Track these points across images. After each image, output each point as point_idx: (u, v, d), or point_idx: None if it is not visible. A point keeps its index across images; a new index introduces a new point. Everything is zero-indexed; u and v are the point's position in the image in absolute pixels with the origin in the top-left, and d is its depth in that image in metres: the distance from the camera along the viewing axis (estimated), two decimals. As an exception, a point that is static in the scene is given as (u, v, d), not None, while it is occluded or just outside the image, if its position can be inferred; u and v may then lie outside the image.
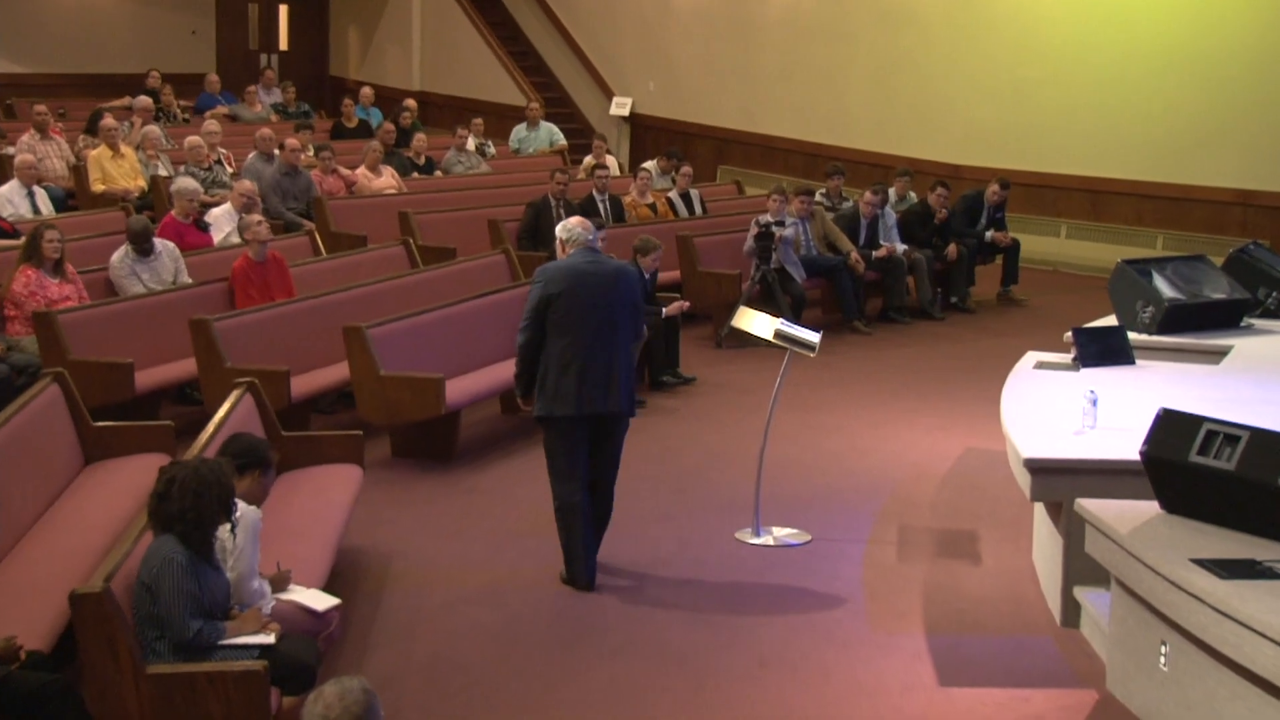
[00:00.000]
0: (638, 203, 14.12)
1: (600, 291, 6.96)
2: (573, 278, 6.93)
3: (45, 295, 9.43)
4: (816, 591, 7.14)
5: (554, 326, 6.90)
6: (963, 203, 14.55)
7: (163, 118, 16.80)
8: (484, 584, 7.12)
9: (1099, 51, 15.81)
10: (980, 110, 16.68)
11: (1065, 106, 16.05)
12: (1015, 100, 16.41)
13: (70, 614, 5.01)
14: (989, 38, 16.65)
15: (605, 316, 6.96)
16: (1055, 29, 16.17)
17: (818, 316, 13.27)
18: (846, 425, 10.11)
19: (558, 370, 6.91)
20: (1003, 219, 14.63)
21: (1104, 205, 16.04)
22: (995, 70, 16.55)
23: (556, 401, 6.92)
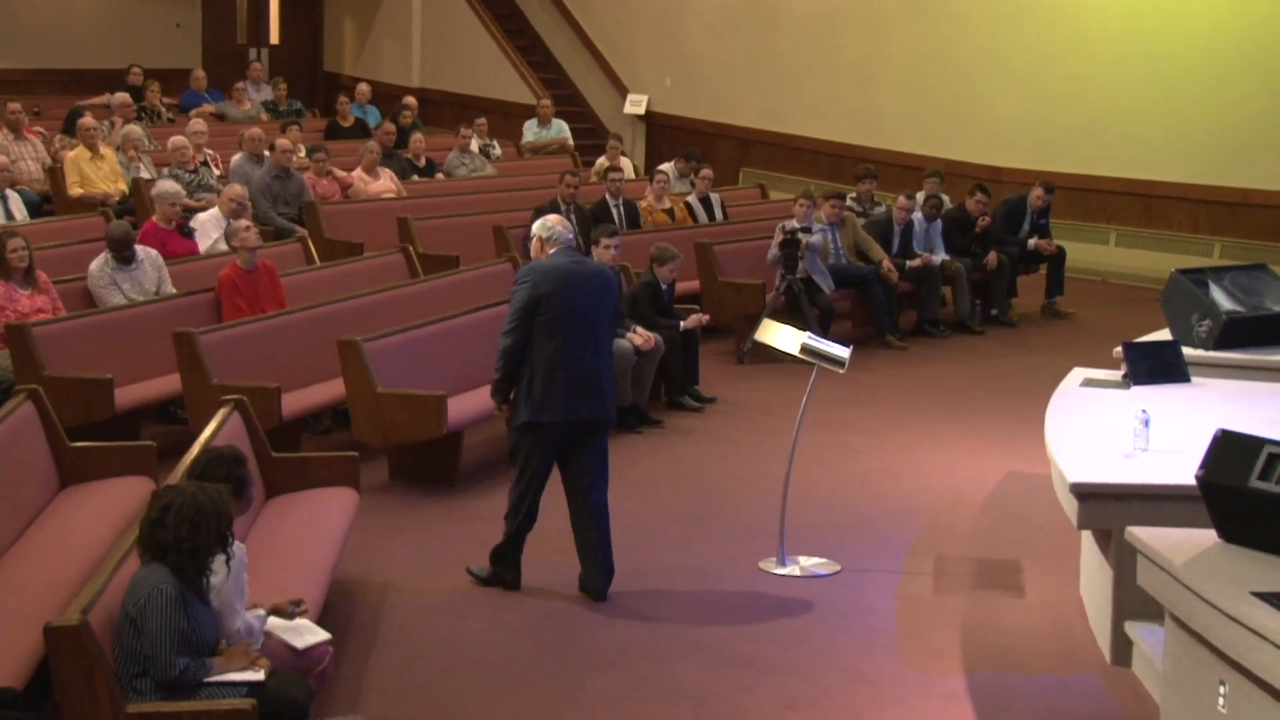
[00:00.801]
0: (654, 207, 14.15)
1: (586, 293, 7.18)
2: (561, 278, 7.12)
3: (16, 309, 9.46)
4: (846, 626, 7.13)
5: (541, 328, 7.08)
6: (1004, 208, 14.55)
7: (145, 117, 16.86)
8: (486, 619, 7.12)
9: (1152, 44, 15.81)
10: (1023, 108, 16.68)
11: (1115, 104, 16.05)
12: (1061, 97, 16.41)
13: (45, 648, 5.02)
14: (1032, 29, 16.65)
15: (591, 319, 7.18)
16: (1105, 20, 16.18)
17: (847, 330, 13.27)
18: (878, 447, 10.10)
19: (545, 374, 7.08)
20: (1047, 225, 14.62)
21: (1157, 210, 16.02)
22: (1039, 64, 16.55)
23: (545, 407, 7.09)
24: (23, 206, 12.56)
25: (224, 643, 5.33)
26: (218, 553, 5.22)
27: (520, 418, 7.19)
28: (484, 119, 17.72)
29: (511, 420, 7.35)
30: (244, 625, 5.44)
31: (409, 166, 15.71)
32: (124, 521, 6.53)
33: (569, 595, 7.38)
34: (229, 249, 10.76)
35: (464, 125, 16.77)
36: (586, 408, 7.17)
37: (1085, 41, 16.27)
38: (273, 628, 5.67)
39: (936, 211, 13.91)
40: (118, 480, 7.39)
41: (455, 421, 8.82)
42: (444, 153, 16.50)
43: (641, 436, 10.19)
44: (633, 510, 8.72)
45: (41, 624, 5.00)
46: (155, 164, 14.24)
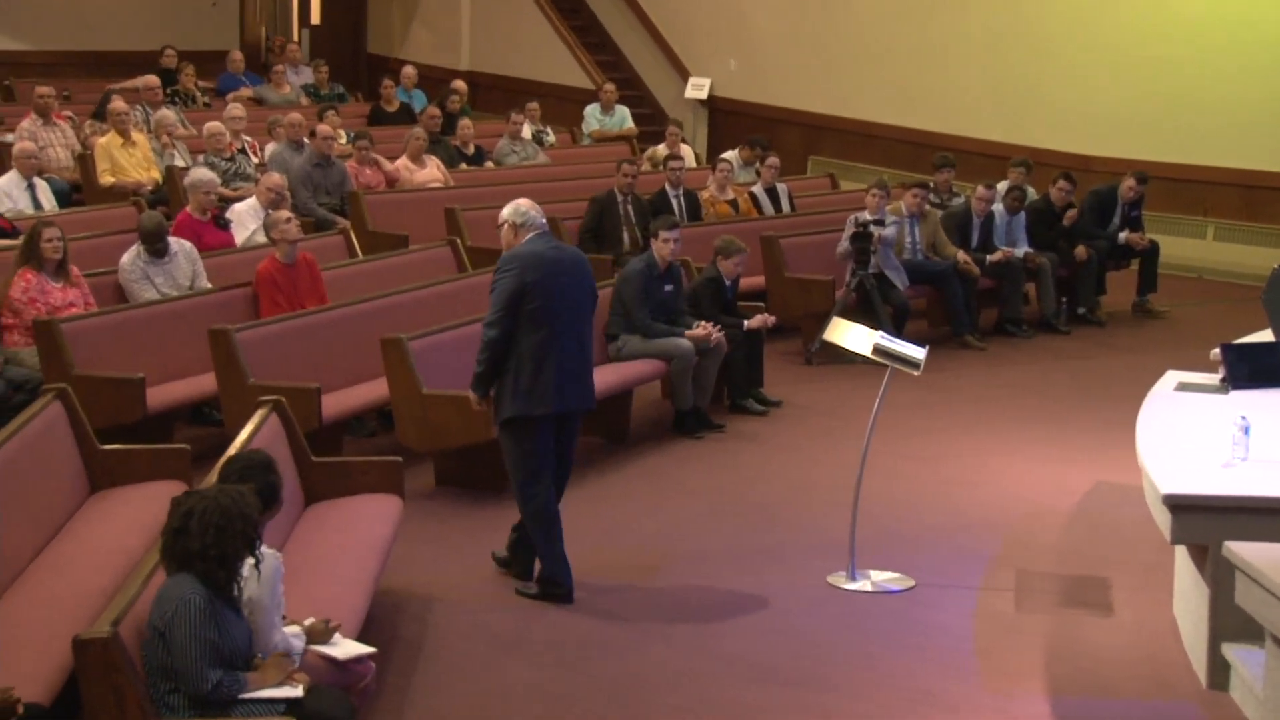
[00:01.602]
0: (716, 199, 14.14)
1: (570, 280, 7.41)
2: (545, 265, 7.31)
3: (46, 301, 9.57)
4: (919, 646, 7.11)
5: (528, 318, 7.25)
6: (1092, 199, 14.46)
7: (179, 101, 17.01)
8: (536, 635, 7.14)
9: (1252, 26, 15.66)
10: (1114, 92, 16.56)
11: (1213, 88, 15.91)
12: (1154, 81, 16.28)
13: (73, 662, 5.07)
14: (1124, 8, 16.54)
15: (576, 306, 7.43)
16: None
17: (923, 329, 13.23)
18: (955, 455, 10.06)
19: (533, 365, 7.25)
20: (1139, 218, 14.52)
21: (1259, 202, 15.87)
22: (1131, 45, 16.43)
23: (534, 400, 7.27)
24: (51, 196, 12.69)
25: (259, 656, 5.37)
26: (245, 556, 5.26)
27: (506, 412, 7.33)
28: (536, 104, 17.75)
29: (492, 416, 7.47)
30: (282, 641, 5.47)
31: (457, 154, 15.77)
32: (155, 528, 6.54)
33: (624, 611, 7.40)
34: (267, 241, 10.84)
35: (515, 111, 16.81)
36: (575, 398, 7.42)
37: (1181, 20, 16.13)
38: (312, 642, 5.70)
39: (1019, 205, 13.83)
40: (149, 485, 7.46)
41: (505, 425, 8.84)
42: (494, 140, 16.55)
43: (702, 442, 10.20)
44: (692, 521, 8.74)
45: (69, 636, 5.06)
46: (190, 151, 14.36)
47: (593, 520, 8.67)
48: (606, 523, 8.69)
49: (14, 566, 6.37)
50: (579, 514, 8.73)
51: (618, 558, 8.13)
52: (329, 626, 5.73)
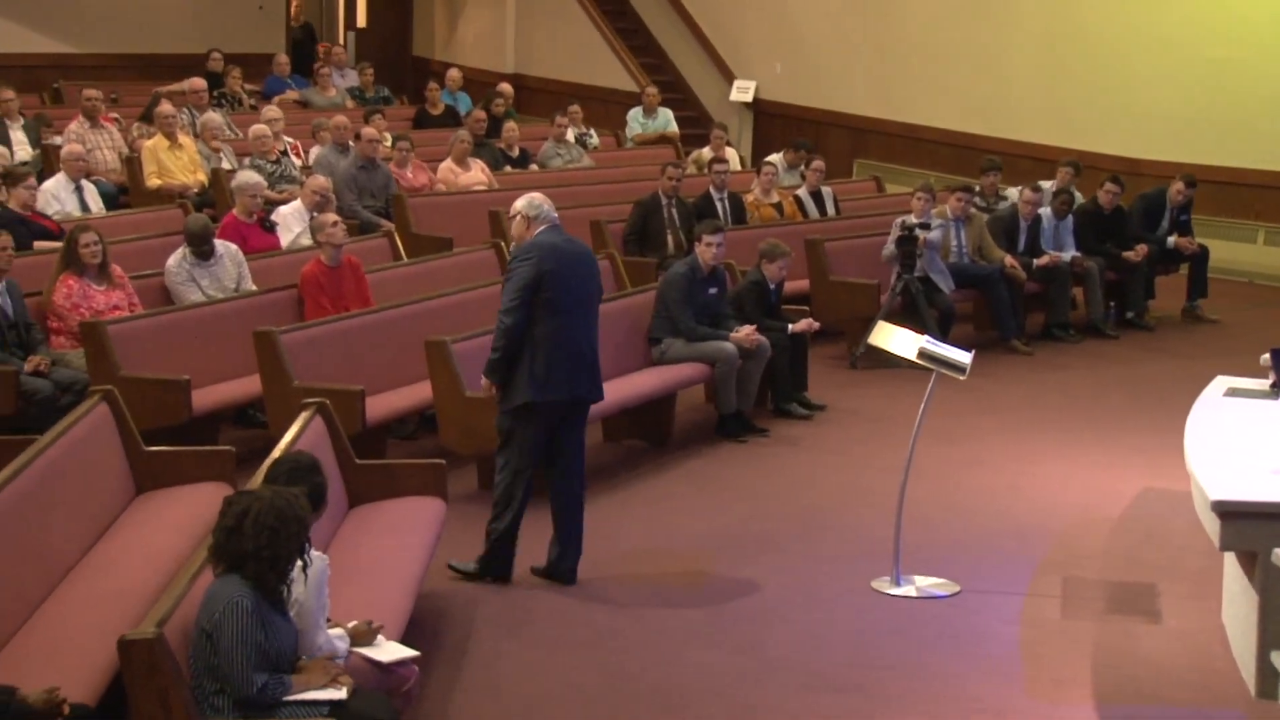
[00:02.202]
0: (761, 202, 14.13)
1: (581, 271, 7.65)
2: (560, 256, 7.52)
3: (90, 305, 9.62)
4: (966, 651, 7.08)
5: (543, 306, 7.44)
6: (1141, 202, 14.38)
7: (226, 103, 17.11)
8: (579, 638, 7.15)
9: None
10: (1163, 95, 16.46)
11: (1264, 90, 15.79)
12: (1205, 84, 16.17)
13: (119, 663, 5.11)
14: (1174, 10, 16.43)
15: (586, 296, 7.66)
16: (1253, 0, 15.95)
17: (969, 333, 13.18)
18: (1001, 460, 10.02)
19: (547, 353, 7.44)
20: (1188, 222, 14.43)
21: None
22: (1181, 48, 16.32)
23: (548, 387, 7.46)
24: (98, 198, 12.78)
25: (304, 658, 5.39)
26: (296, 559, 5.28)
27: (518, 399, 7.48)
28: (578, 106, 17.76)
29: (502, 401, 7.59)
30: (326, 643, 5.49)
31: (501, 157, 15.81)
32: (201, 530, 6.62)
33: (667, 615, 7.40)
34: (312, 244, 10.89)
35: (559, 114, 16.84)
36: (585, 386, 7.64)
37: (1232, 22, 16.02)
38: (355, 644, 5.72)
39: (1067, 208, 13.75)
40: (194, 487, 7.50)
41: (548, 428, 8.85)
42: (538, 142, 16.58)
43: (745, 446, 10.19)
44: (735, 525, 8.73)
45: (115, 637, 5.09)
46: (236, 153, 14.43)
47: (635, 523, 8.68)
48: (649, 526, 8.68)
49: (60, 567, 6.42)
50: (621, 517, 8.76)
51: (660, 561, 8.13)
52: (372, 628, 5.75)
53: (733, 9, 20.86)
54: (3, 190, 11.39)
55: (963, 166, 17.21)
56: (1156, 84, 16.50)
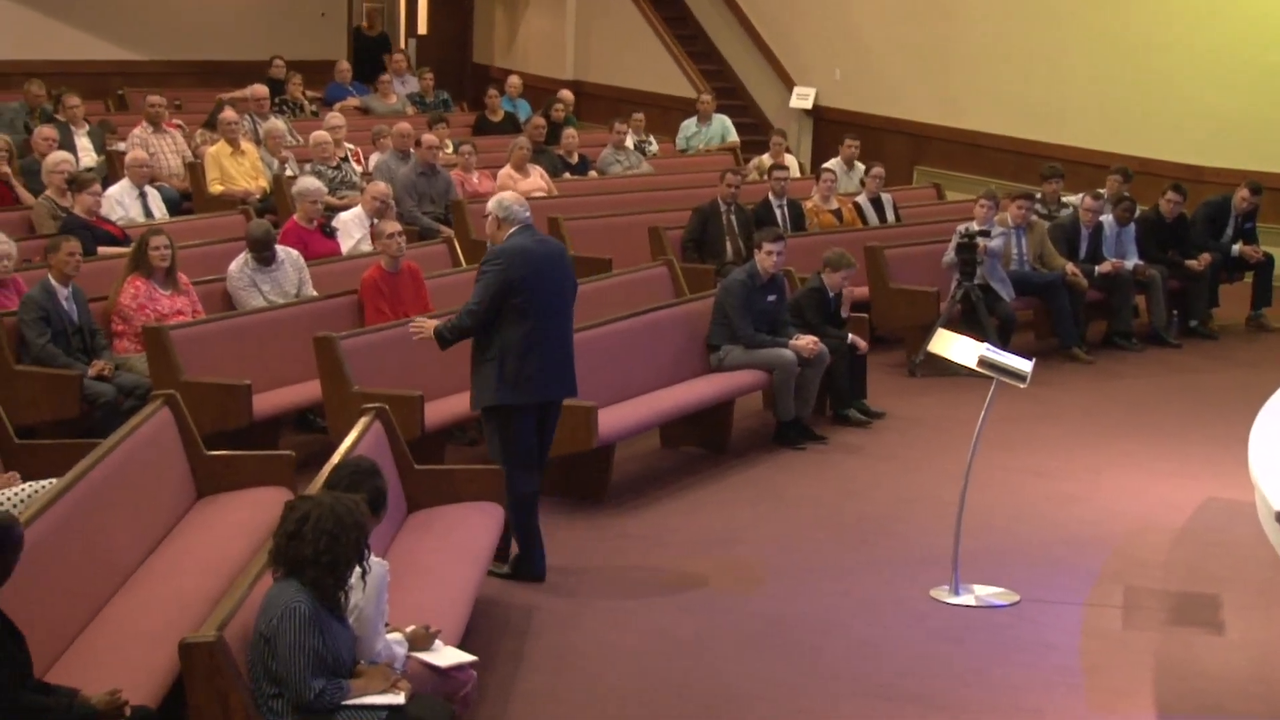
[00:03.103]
0: (820, 208, 14.10)
1: (554, 273, 7.71)
2: (531, 260, 7.58)
3: (155, 309, 9.71)
4: (1025, 662, 7.04)
5: (514, 311, 7.51)
6: (1205, 210, 14.27)
7: (287, 110, 17.22)
8: (635, 644, 7.15)
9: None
10: (1226, 101, 16.31)
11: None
12: (1268, 90, 16.02)
13: (179, 666, 5.15)
14: (1237, 15, 16.28)
15: (559, 298, 7.74)
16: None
17: (1029, 341, 13.10)
18: (1061, 469, 9.96)
19: (518, 356, 7.53)
20: (1253, 230, 14.30)
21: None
22: (1245, 52, 16.18)
23: (518, 390, 7.56)
24: (161, 204, 12.88)
25: (362, 663, 5.41)
26: (355, 565, 5.31)
27: (489, 400, 7.61)
28: (642, 115, 17.77)
29: (474, 400, 7.74)
30: (385, 648, 5.51)
31: (561, 163, 15.84)
32: (261, 534, 6.66)
33: (723, 621, 7.39)
34: (373, 249, 10.93)
35: (619, 120, 16.86)
36: (558, 387, 7.77)
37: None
38: (413, 649, 5.74)
39: (1129, 215, 13.66)
40: (254, 491, 7.55)
41: (606, 434, 8.87)
42: (597, 149, 16.60)
43: (804, 453, 10.16)
44: (793, 532, 8.71)
45: (176, 640, 5.13)
46: (298, 160, 14.53)
47: (693, 530, 8.68)
48: (706, 533, 8.68)
49: (122, 570, 6.48)
50: (678, 523, 8.76)
51: (717, 568, 8.12)
52: (430, 633, 5.77)
53: (793, 15, 20.83)
54: (68, 196, 11.52)
55: (1023, 173, 17.12)
56: (1218, 90, 16.36)
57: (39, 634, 5.37)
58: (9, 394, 8.62)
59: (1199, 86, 16.51)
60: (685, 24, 21.98)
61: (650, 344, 10.10)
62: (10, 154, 12.67)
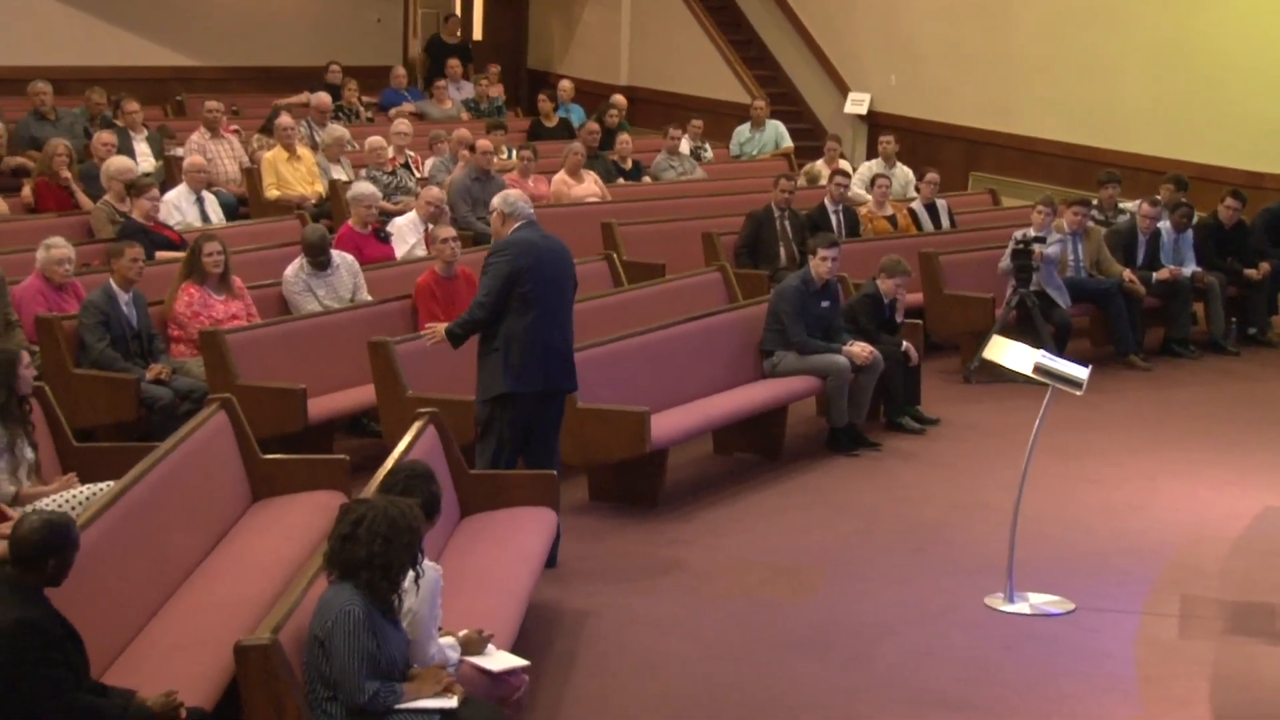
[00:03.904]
0: (875, 214, 14.06)
1: (557, 267, 7.97)
2: (536, 252, 7.86)
3: (210, 315, 9.77)
4: (1080, 670, 6.99)
5: (519, 301, 7.76)
6: (1264, 217, 14.14)
7: (343, 116, 17.32)
8: (687, 650, 7.14)
9: None
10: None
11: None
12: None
13: (235, 668, 5.18)
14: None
15: (561, 291, 7.98)
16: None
17: (1085, 348, 13.03)
18: (1118, 477, 9.89)
19: (522, 346, 7.77)
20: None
21: None
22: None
23: (523, 379, 7.78)
24: (218, 209, 12.98)
25: (416, 667, 5.43)
26: (409, 569, 5.33)
27: (495, 389, 7.82)
28: (700, 121, 17.76)
29: (479, 392, 7.90)
30: (438, 652, 5.53)
31: (615, 169, 15.86)
32: (315, 537, 6.71)
33: (776, 627, 7.38)
34: (427, 254, 10.96)
35: (673, 126, 16.86)
36: (560, 377, 7.98)
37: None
38: (466, 653, 5.76)
39: (1187, 222, 13.56)
40: (308, 495, 7.60)
41: (659, 440, 8.87)
42: (651, 155, 16.60)
43: (857, 460, 10.13)
44: (846, 539, 8.69)
45: (231, 643, 5.17)
46: (354, 165, 14.60)
47: (745, 536, 8.67)
48: (760, 538, 8.66)
49: (178, 573, 6.53)
50: (731, 529, 8.75)
51: (770, 574, 8.10)
52: (483, 637, 5.79)
53: (847, 21, 20.78)
54: (127, 201, 11.62)
55: (1080, 179, 17.01)
56: (1277, 95, 16.20)
57: (96, 636, 5.42)
58: (68, 397, 8.69)
59: (1259, 92, 16.35)
60: (739, 29, 21.96)
61: (703, 350, 10.10)
62: (70, 159, 12.80)
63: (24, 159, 13.70)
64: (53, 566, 5.10)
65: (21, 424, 7.15)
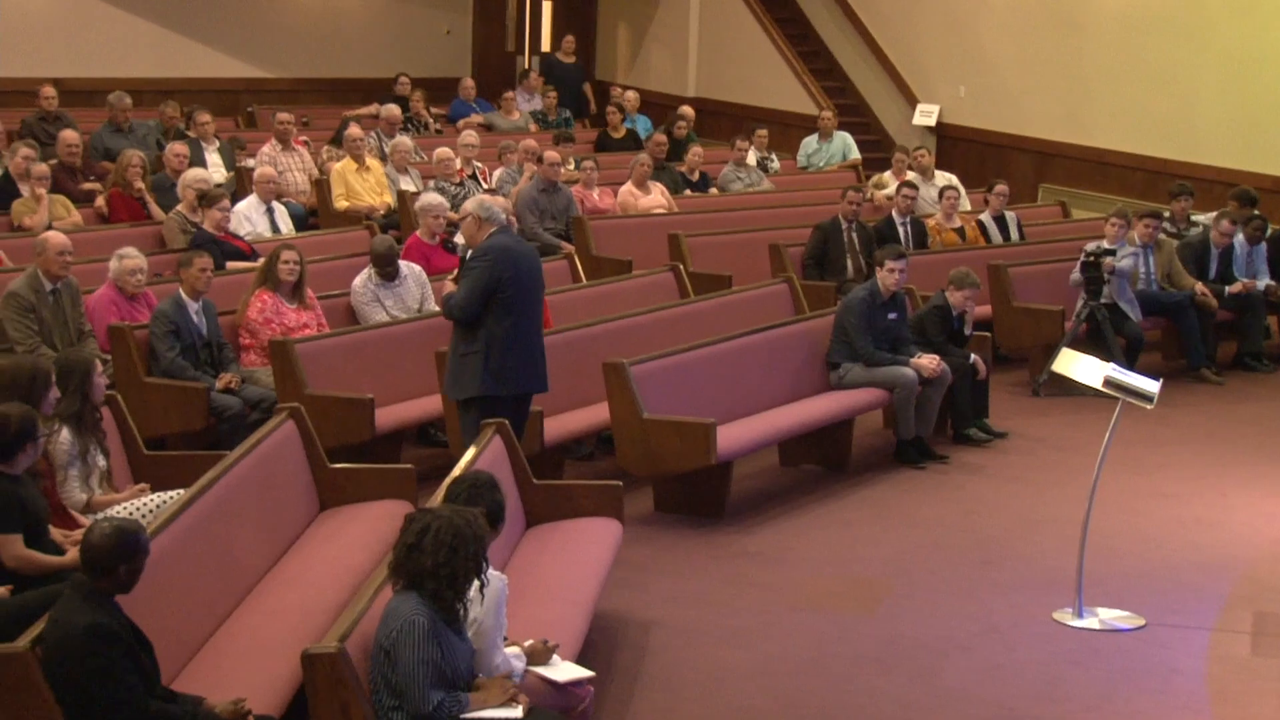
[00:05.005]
0: (943, 226, 14.00)
1: (532, 272, 8.22)
2: (515, 258, 8.09)
3: (282, 323, 9.86)
4: (1150, 688, 6.93)
5: (499, 306, 7.99)
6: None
7: (411, 127, 17.42)
8: (752, 663, 7.13)
9: None
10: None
11: None
12: (1406, 106, 15.67)
13: (302, 676, 5.21)
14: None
15: (536, 296, 8.26)
16: None
17: (1157, 362, 12.91)
18: (1189, 492, 9.80)
19: (502, 350, 8.01)
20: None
21: None
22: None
23: (501, 381, 8.03)
24: (288, 219, 13.08)
25: (481, 676, 5.45)
26: (474, 578, 5.35)
27: (473, 390, 8.05)
28: (765, 131, 17.76)
29: (454, 390, 8.19)
30: (503, 661, 5.55)
31: (682, 180, 15.87)
32: (382, 547, 6.74)
33: (842, 639, 7.35)
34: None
35: (740, 137, 16.86)
36: (535, 380, 8.25)
37: None
38: (531, 663, 5.77)
39: (1261, 234, 13.43)
40: (375, 504, 7.64)
41: (725, 451, 8.86)
42: (718, 166, 16.61)
43: (924, 472, 10.08)
44: (913, 551, 8.65)
45: (299, 650, 5.20)
46: (422, 176, 14.69)
47: (811, 548, 8.64)
48: (826, 550, 8.64)
49: (247, 580, 6.58)
50: (797, 541, 8.73)
51: (837, 586, 8.08)
52: (548, 647, 5.80)
53: (916, 32, 20.71)
54: (199, 211, 11.73)
55: (1152, 192, 16.88)
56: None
57: (166, 642, 5.47)
58: (139, 406, 8.77)
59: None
60: (807, 40, 21.93)
61: (770, 361, 10.09)
62: (144, 170, 12.94)
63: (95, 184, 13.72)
64: (124, 573, 5.16)
65: (94, 432, 7.24)
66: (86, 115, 16.13)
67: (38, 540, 6.34)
